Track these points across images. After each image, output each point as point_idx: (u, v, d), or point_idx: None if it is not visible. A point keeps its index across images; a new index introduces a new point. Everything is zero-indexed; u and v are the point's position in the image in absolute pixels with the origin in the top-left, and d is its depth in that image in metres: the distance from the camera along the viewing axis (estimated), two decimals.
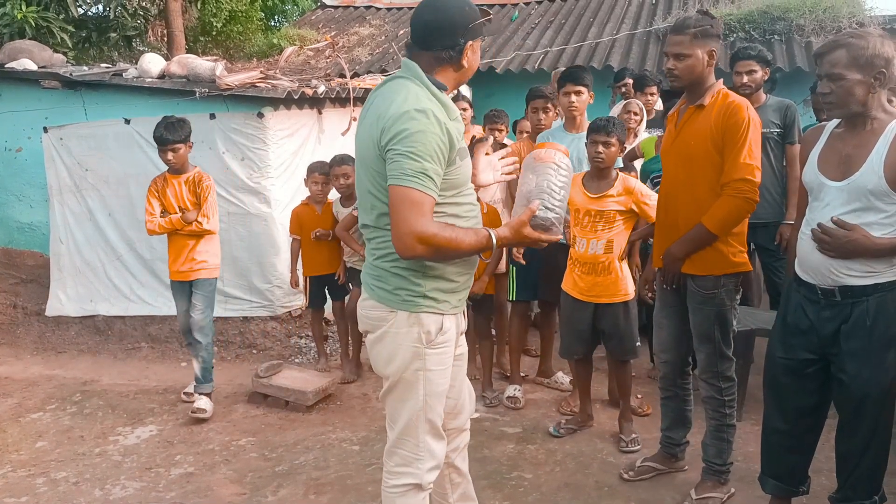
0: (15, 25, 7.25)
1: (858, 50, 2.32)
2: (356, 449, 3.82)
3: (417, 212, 2.05)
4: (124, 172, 5.43)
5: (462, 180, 2.23)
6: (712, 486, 3.14)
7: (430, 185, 2.06)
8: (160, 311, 5.53)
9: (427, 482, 2.33)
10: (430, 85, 2.16)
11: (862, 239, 2.37)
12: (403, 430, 2.31)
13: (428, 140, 2.04)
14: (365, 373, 4.86)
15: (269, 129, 5.13)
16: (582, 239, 3.59)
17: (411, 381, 2.27)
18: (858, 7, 8.22)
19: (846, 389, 2.48)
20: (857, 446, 2.52)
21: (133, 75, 5.40)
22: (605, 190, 3.54)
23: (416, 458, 2.31)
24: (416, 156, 2.03)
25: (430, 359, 2.25)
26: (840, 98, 2.38)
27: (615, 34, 8.93)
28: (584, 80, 4.07)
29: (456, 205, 2.23)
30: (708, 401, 3.13)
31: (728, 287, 2.96)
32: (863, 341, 2.42)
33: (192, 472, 3.65)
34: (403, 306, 2.23)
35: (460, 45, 2.17)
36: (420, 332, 2.23)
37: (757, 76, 4.22)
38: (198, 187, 4.29)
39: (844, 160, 2.43)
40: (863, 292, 2.42)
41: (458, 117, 2.24)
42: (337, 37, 10.35)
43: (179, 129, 4.20)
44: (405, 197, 2.05)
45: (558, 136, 4.16)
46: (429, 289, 2.22)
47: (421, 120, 2.05)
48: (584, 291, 3.64)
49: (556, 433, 3.84)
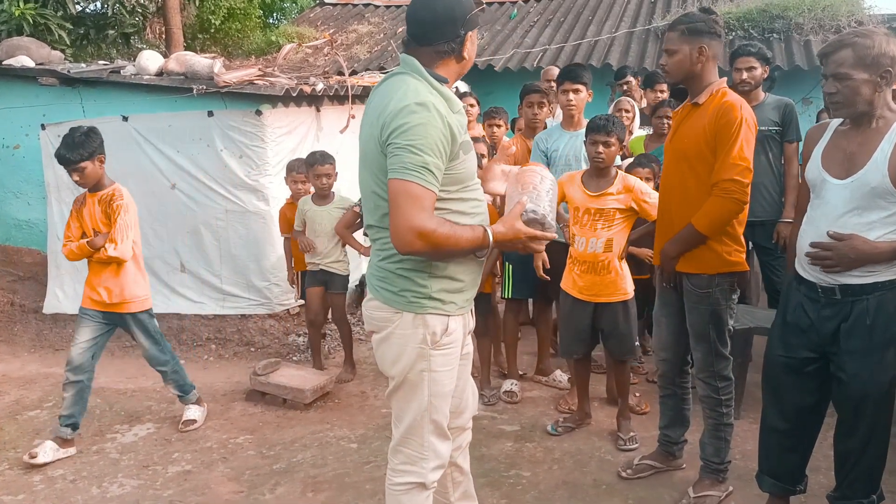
0: (13, 22, 7.23)
1: (864, 49, 2.31)
2: (354, 447, 3.81)
3: (417, 206, 2.01)
4: (122, 170, 5.39)
5: (466, 175, 2.19)
6: (710, 485, 3.15)
7: (430, 179, 2.03)
8: (158, 309, 5.45)
9: (431, 481, 2.33)
10: (430, 78, 2.14)
11: (861, 244, 2.36)
12: (408, 430, 2.31)
13: (429, 133, 2.01)
14: (362, 371, 4.86)
15: (268, 127, 5.12)
16: (581, 238, 3.58)
17: (416, 382, 2.25)
18: (857, 6, 8.22)
19: (845, 388, 2.48)
20: (855, 445, 2.52)
21: (131, 72, 5.39)
22: (604, 188, 3.53)
23: (420, 458, 2.31)
24: (416, 149, 2.00)
25: (434, 360, 2.24)
26: (847, 98, 2.37)
27: (614, 32, 8.93)
28: (583, 77, 4.06)
29: (461, 200, 2.20)
30: (705, 400, 3.13)
31: (723, 286, 2.96)
32: (863, 340, 2.42)
33: (189, 469, 3.65)
34: (409, 308, 2.21)
35: (461, 36, 2.16)
36: (425, 333, 2.21)
37: (756, 73, 4.22)
38: (108, 207, 3.77)
39: (848, 158, 2.42)
40: (863, 291, 2.41)
41: (461, 110, 2.22)
42: (335, 34, 10.34)
43: (81, 147, 3.66)
44: (405, 191, 2.02)
45: (556, 135, 4.16)
46: (435, 290, 2.19)
47: (422, 113, 2.02)
48: (583, 290, 3.64)
49: (553, 431, 3.84)
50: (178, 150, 5.28)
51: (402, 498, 2.33)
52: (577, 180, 3.62)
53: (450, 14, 2.14)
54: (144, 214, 5.45)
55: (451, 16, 2.14)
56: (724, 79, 2.98)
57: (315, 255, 4.72)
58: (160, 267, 5.53)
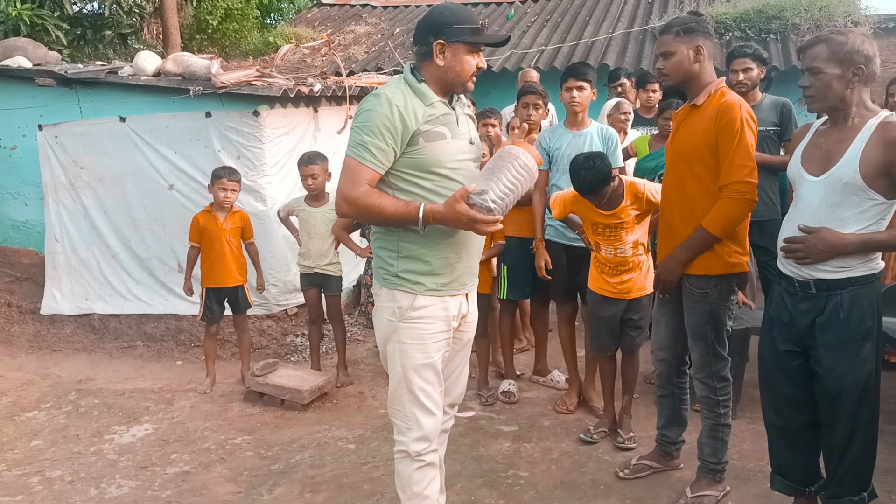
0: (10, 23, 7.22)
1: (838, 45, 2.40)
2: (352, 447, 3.82)
3: (349, 177, 2.34)
4: (119, 170, 5.42)
5: (429, 161, 2.37)
6: (707, 484, 3.15)
7: (366, 155, 2.31)
8: (156, 310, 5.52)
9: (415, 451, 2.49)
10: (407, 75, 2.42)
11: (829, 235, 2.43)
12: (391, 398, 2.55)
13: (373, 118, 2.29)
14: (360, 372, 4.86)
15: (265, 128, 5.12)
16: (608, 247, 3.57)
17: (391, 353, 2.50)
18: (854, 6, 8.24)
19: (823, 382, 2.53)
20: (838, 441, 2.54)
21: (128, 73, 5.38)
22: (616, 206, 3.49)
23: (406, 428, 2.51)
24: (358, 129, 2.33)
25: (403, 332, 2.45)
26: (819, 91, 2.46)
27: (611, 32, 8.93)
28: (587, 75, 4.02)
29: (431, 181, 2.38)
30: (703, 400, 3.13)
31: (721, 287, 2.96)
32: (837, 334, 2.47)
33: (187, 470, 3.65)
34: (384, 283, 2.49)
35: (430, 43, 2.37)
36: (394, 307, 2.45)
37: (753, 74, 4.22)
38: None
39: (824, 155, 2.49)
40: (837, 285, 2.47)
41: (435, 103, 2.40)
42: (333, 35, 10.34)
43: None
44: (344, 164, 2.38)
45: (559, 133, 4.12)
46: (400, 269, 2.43)
47: (371, 101, 2.34)
48: (615, 288, 3.62)
49: (589, 439, 3.76)
50: (176, 151, 5.27)
51: (398, 466, 2.56)
52: (587, 202, 3.54)
53: (427, 22, 2.42)
54: (142, 215, 5.47)
55: (427, 23, 2.41)
56: (722, 78, 2.98)
57: (309, 258, 4.71)
58: (157, 267, 5.52)
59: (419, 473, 2.51)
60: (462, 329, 2.61)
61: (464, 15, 2.39)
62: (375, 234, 2.52)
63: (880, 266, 2.50)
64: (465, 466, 3.54)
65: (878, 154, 2.36)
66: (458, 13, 2.39)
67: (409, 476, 2.52)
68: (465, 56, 2.39)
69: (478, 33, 2.40)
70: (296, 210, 4.74)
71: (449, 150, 2.41)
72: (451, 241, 2.43)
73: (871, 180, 2.37)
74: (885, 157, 2.35)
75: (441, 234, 2.40)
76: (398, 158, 2.35)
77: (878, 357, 2.52)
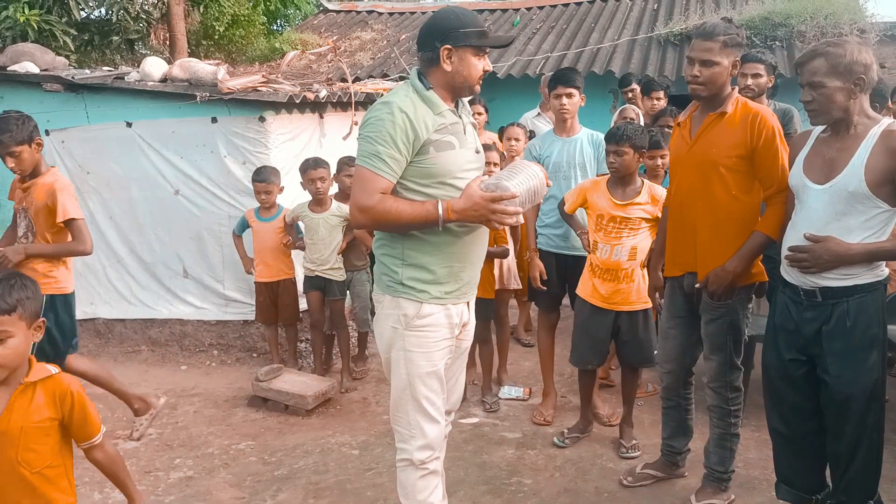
0: (17, 28, 7.25)
1: (837, 58, 2.41)
2: (355, 453, 3.81)
3: (362, 187, 2.32)
4: (126, 175, 5.43)
5: (438, 171, 2.36)
6: (713, 492, 3.14)
7: (379, 164, 2.28)
8: (160, 315, 5.52)
9: (418, 459, 2.47)
10: (415, 81, 2.39)
11: (835, 245, 2.43)
12: (394, 406, 2.52)
13: (382, 126, 2.27)
14: (363, 378, 4.86)
15: (271, 133, 5.13)
16: (605, 245, 3.54)
17: (395, 360, 2.47)
18: (859, 14, 8.22)
19: (830, 390, 2.52)
20: (844, 449, 2.54)
21: (135, 79, 5.40)
22: (631, 198, 3.50)
23: (409, 436, 2.49)
24: (369, 139, 2.30)
25: (409, 340, 2.43)
26: (822, 105, 2.46)
27: (616, 40, 8.93)
28: (576, 81, 3.96)
29: (431, 195, 2.35)
30: (714, 409, 3.12)
31: (741, 296, 2.97)
32: (844, 342, 2.46)
33: (191, 475, 3.65)
34: (387, 291, 2.46)
35: (437, 48, 2.35)
36: (399, 314, 2.43)
37: (761, 81, 4.18)
38: None
39: (828, 164, 2.49)
40: (843, 293, 2.46)
41: (444, 112, 2.38)
42: (339, 41, 10.36)
43: None
44: (357, 174, 2.37)
45: (549, 141, 4.10)
46: (405, 277, 2.41)
47: (380, 109, 2.31)
48: (605, 299, 3.59)
49: (560, 444, 3.80)
50: (182, 156, 5.29)
51: (401, 475, 2.54)
52: (601, 187, 3.57)
53: (432, 27, 2.40)
54: (148, 220, 5.48)
55: (433, 28, 2.39)
56: (735, 87, 2.98)
57: (313, 261, 4.74)
58: (163, 272, 5.53)
59: (423, 481, 2.50)
60: (461, 337, 2.61)
61: (469, 19, 2.38)
62: (379, 240, 2.51)
63: (885, 273, 2.50)
64: (468, 473, 3.53)
65: (882, 162, 2.37)
66: (464, 17, 2.38)
67: (414, 484, 2.50)
68: (472, 60, 2.38)
69: (484, 36, 2.39)
70: (301, 215, 4.76)
71: (458, 160, 2.41)
72: (456, 250, 2.42)
73: (876, 188, 2.38)
74: (889, 165, 2.37)
75: (447, 242, 2.39)
76: (407, 167, 2.34)
77: (883, 364, 2.51)
